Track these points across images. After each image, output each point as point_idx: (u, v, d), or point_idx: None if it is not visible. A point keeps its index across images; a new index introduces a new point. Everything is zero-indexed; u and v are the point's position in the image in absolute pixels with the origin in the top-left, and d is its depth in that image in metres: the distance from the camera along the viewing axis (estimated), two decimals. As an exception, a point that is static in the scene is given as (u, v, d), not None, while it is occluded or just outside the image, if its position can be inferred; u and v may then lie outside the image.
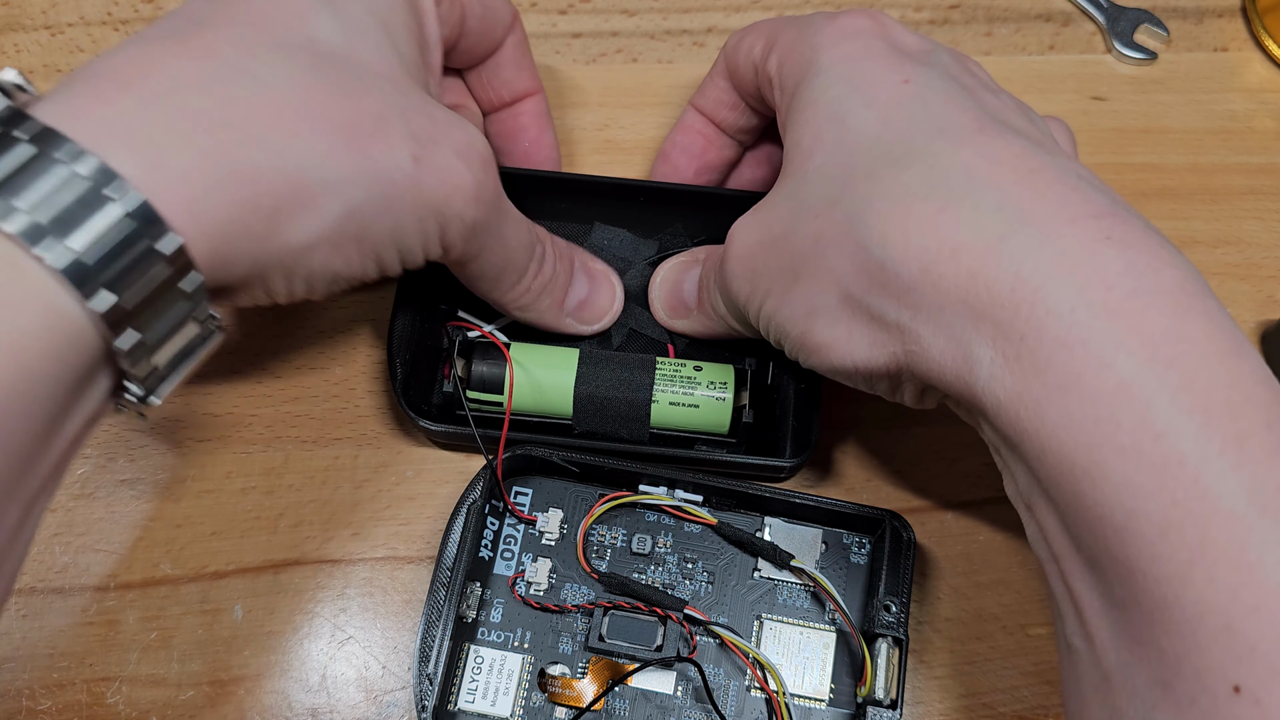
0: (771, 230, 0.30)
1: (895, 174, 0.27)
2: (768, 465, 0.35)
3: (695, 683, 0.33)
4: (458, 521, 0.33)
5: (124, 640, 0.34)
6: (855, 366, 0.28)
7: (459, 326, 0.36)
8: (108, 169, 0.22)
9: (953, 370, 0.25)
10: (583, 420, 0.35)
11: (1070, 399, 0.23)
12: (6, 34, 0.43)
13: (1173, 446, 0.22)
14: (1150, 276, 0.24)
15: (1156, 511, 0.22)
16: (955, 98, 0.28)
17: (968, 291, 0.25)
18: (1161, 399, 0.22)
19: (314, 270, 0.27)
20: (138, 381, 0.24)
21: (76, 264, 0.22)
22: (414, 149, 0.28)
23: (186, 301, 0.24)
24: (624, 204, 0.38)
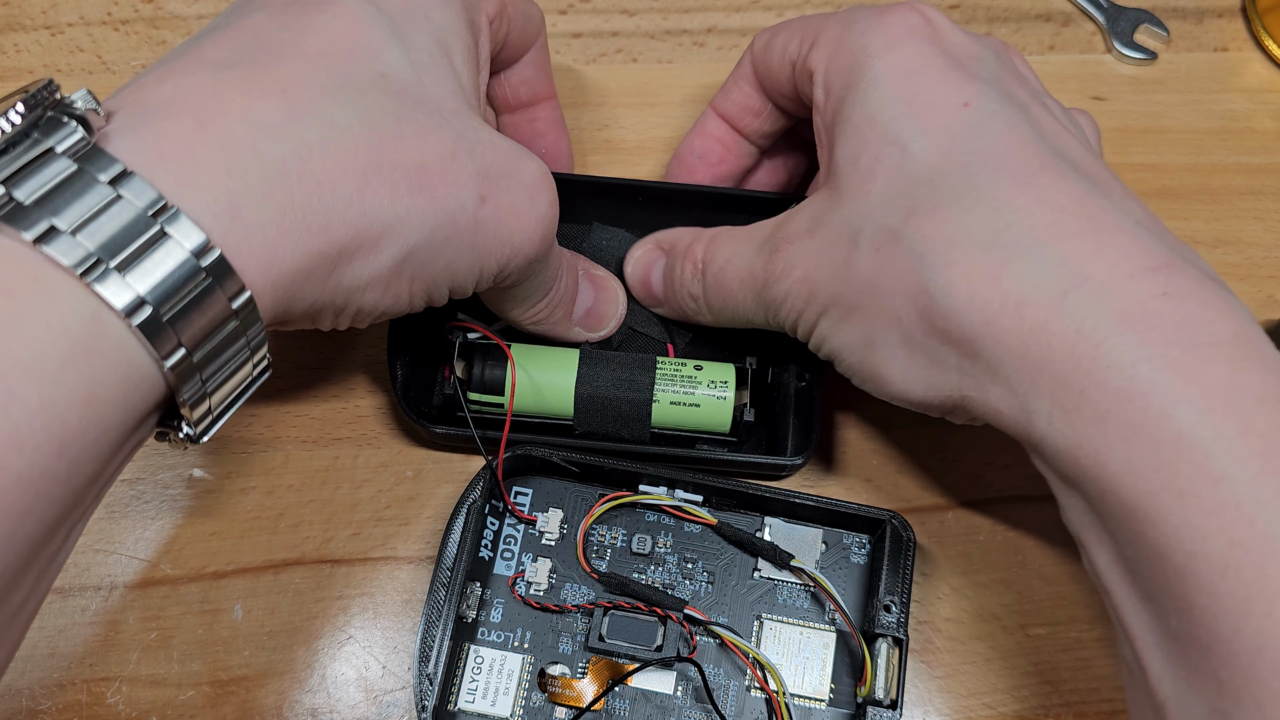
0: (831, 257, 0.30)
1: (959, 217, 0.27)
2: (769, 464, 0.35)
3: (695, 683, 0.33)
4: (458, 521, 0.33)
5: (124, 640, 0.34)
6: (911, 400, 0.29)
7: (458, 327, 0.36)
8: (189, 223, 0.22)
9: (1010, 417, 0.27)
10: (584, 421, 0.35)
11: (1131, 448, 0.24)
12: (6, 34, 0.43)
13: (1230, 491, 0.23)
14: (1206, 329, 0.25)
15: (1215, 552, 0.23)
16: (1013, 126, 0.28)
17: (1028, 346, 0.26)
18: (1219, 447, 0.23)
19: (364, 307, 0.28)
20: (192, 424, 0.24)
21: (154, 319, 0.22)
22: (482, 188, 0.28)
23: (247, 349, 0.24)
24: (623, 204, 0.38)
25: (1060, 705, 0.34)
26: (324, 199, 0.25)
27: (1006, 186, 0.27)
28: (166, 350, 0.22)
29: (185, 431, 0.25)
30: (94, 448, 0.22)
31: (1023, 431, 0.26)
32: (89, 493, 0.23)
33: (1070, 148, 0.29)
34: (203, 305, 0.23)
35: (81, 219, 0.21)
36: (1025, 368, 0.26)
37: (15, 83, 0.42)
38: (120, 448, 0.23)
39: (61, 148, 0.22)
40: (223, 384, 0.25)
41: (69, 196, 0.21)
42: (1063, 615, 0.35)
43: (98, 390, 0.21)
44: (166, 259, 0.22)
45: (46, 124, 0.22)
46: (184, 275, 0.22)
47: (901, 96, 0.29)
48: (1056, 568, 0.36)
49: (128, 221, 0.22)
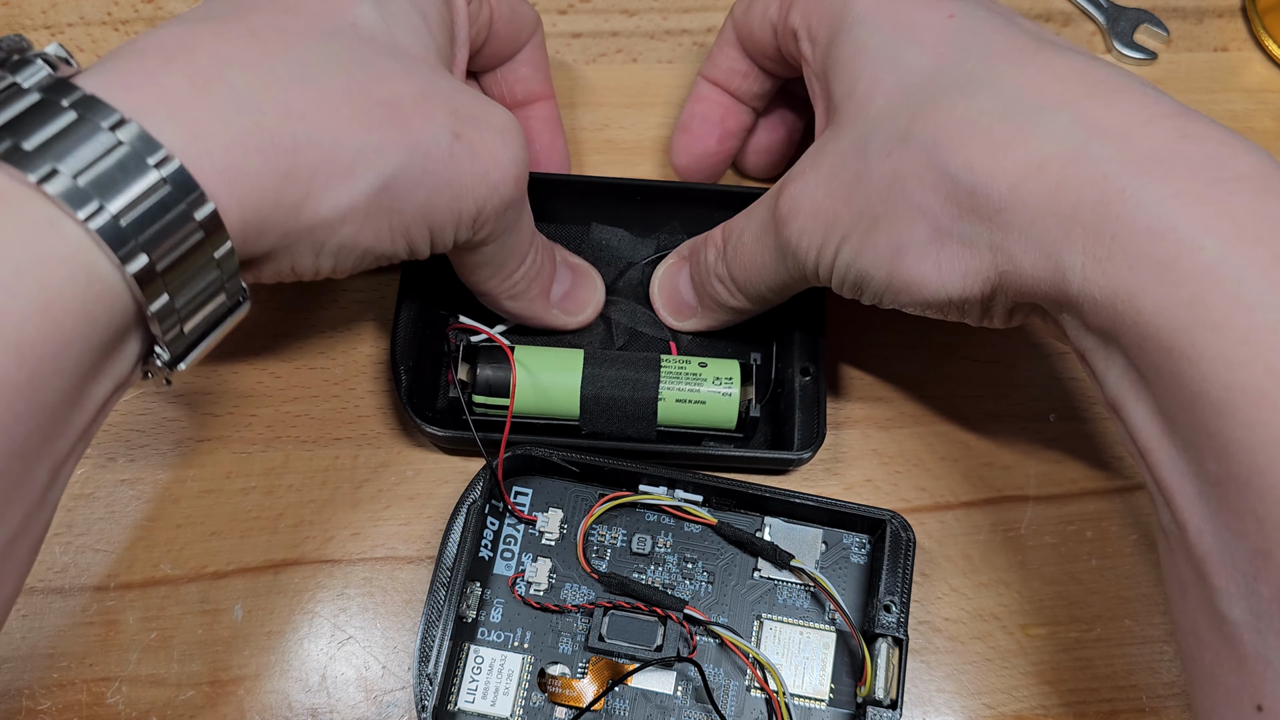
0: (840, 178, 0.30)
1: (966, 101, 0.27)
2: (777, 459, 0.35)
3: (695, 683, 0.33)
4: (458, 521, 0.33)
5: (124, 640, 0.33)
6: (949, 297, 0.29)
7: (461, 330, 0.36)
8: (147, 135, 0.23)
9: (1048, 280, 0.26)
10: (590, 421, 0.35)
11: (1164, 285, 0.24)
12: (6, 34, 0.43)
13: (1264, 318, 0.22)
14: (1230, 164, 0.24)
15: (1252, 381, 0.22)
16: (1002, 25, 0.29)
17: (1056, 202, 0.25)
18: (1251, 275, 0.23)
19: (343, 243, 0.28)
20: (166, 346, 0.24)
21: (113, 226, 0.22)
22: (455, 125, 0.28)
23: (217, 269, 0.24)
24: (621, 203, 0.38)
25: (1060, 705, 0.34)
26: (292, 123, 0.25)
27: (1007, 69, 0.28)
28: (128, 256, 0.22)
29: (160, 357, 0.25)
30: (56, 360, 0.22)
31: (1059, 292, 0.26)
32: (65, 420, 0.23)
33: (1060, 39, 0.29)
34: (163, 214, 0.23)
35: (42, 139, 0.22)
36: (1055, 224, 0.25)
37: (15, 82, 0.42)
38: (92, 373, 0.23)
39: (28, 84, 0.23)
40: (194, 306, 0.25)
41: (33, 122, 0.22)
42: (1063, 615, 0.35)
43: (54, 298, 0.21)
44: (126, 170, 0.22)
45: (14, 65, 0.23)
46: (144, 186, 0.22)
47: (887, 23, 0.30)
48: (1056, 568, 0.35)
49: (88, 137, 0.22)
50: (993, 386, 0.38)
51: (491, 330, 0.36)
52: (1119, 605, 0.35)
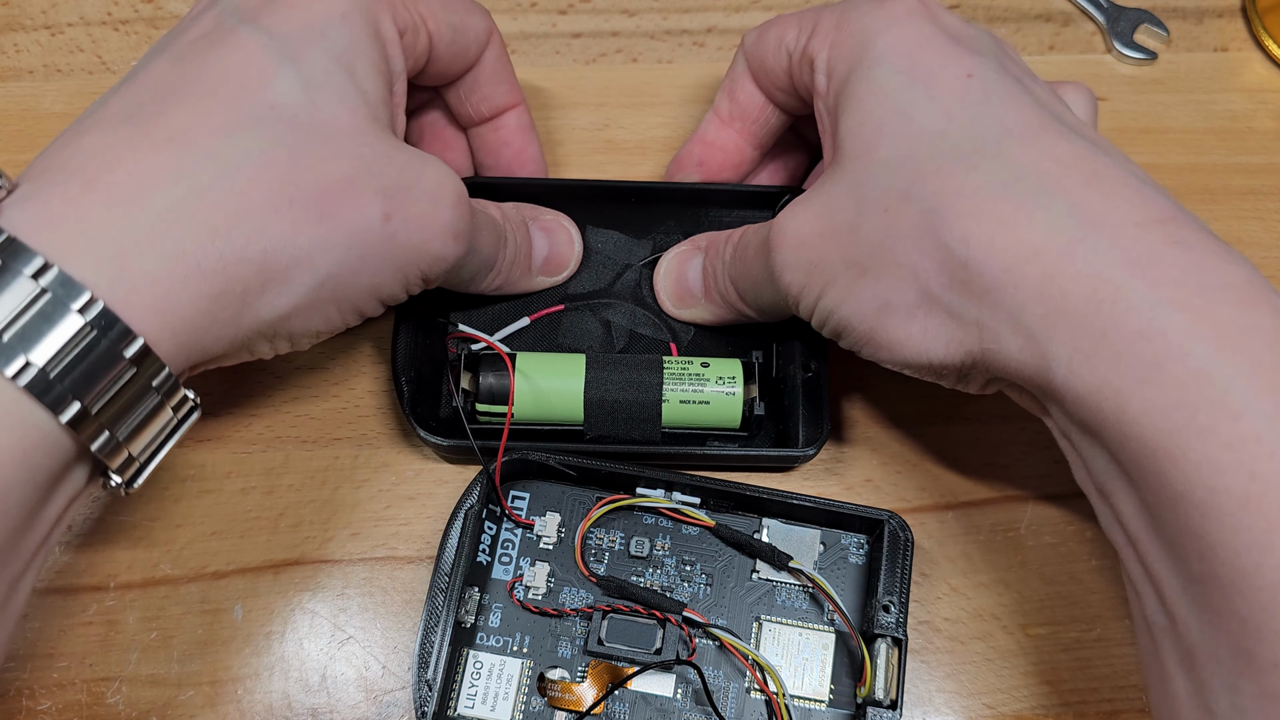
0: (832, 220, 0.29)
1: (968, 171, 0.27)
2: (783, 456, 0.35)
3: (695, 685, 0.32)
4: (455, 527, 0.32)
5: (124, 640, 0.33)
6: (929, 362, 0.29)
7: (460, 339, 0.36)
8: (70, 280, 0.23)
9: (1031, 367, 0.26)
10: (594, 425, 0.34)
11: (1150, 388, 0.24)
12: (6, 34, 0.43)
13: (1250, 425, 0.23)
14: (1215, 274, 0.25)
15: (1237, 485, 0.22)
16: (1016, 94, 0.29)
17: (1045, 293, 0.25)
18: (1237, 383, 0.23)
19: (293, 331, 0.28)
20: (115, 473, 0.25)
21: (41, 378, 0.22)
22: (385, 206, 0.28)
23: (155, 395, 0.25)
24: (616, 205, 0.37)
25: (1060, 705, 0.33)
26: (218, 242, 0.25)
27: (1012, 144, 0.27)
28: (60, 405, 0.23)
29: (115, 480, 0.25)
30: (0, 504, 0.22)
31: (1043, 380, 0.26)
32: (15, 547, 0.23)
33: (1067, 115, 0.29)
34: (94, 360, 0.23)
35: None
36: (1045, 314, 0.25)
37: (15, 83, 0.42)
38: (39, 504, 0.23)
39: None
40: (137, 431, 0.25)
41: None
42: (1063, 615, 0.34)
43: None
44: (52, 320, 0.22)
45: None
46: (67, 331, 0.23)
47: (905, 69, 0.29)
48: (1056, 568, 0.35)
49: (9, 287, 0.22)
50: (992, 386, 0.38)
51: (491, 339, 0.35)
52: (1119, 605, 0.34)
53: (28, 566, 0.24)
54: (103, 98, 0.27)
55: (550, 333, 0.37)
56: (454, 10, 0.33)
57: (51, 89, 0.42)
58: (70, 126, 0.26)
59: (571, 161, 0.41)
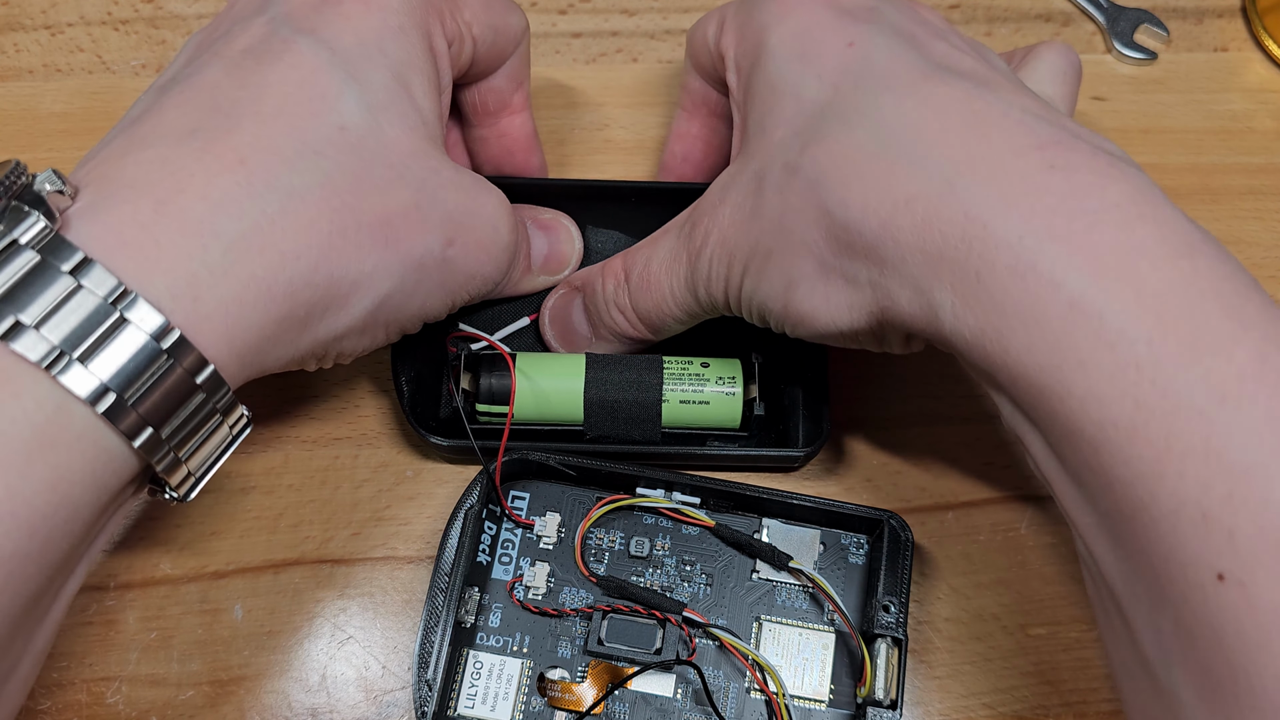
0: (741, 210, 0.29)
1: (846, 135, 0.27)
2: (783, 456, 0.34)
3: (695, 685, 0.32)
4: (455, 527, 0.32)
5: (124, 640, 0.33)
6: (839, 330, 0.28)
7: (460, 338, 0.35)
8: (148, 308, 0.23)
9: (923, 318, 0.26)
10: (594, 425, 0.34)
11: (1028, 326, 0.23)
12: (6, 34, 0.43)
13: (1128, 353, 0.22)
14: (1096, 195, 0.24)
15: (1122, 416, 0.22)
16: (899, 52, 0.28)
17: (923, 239, 0.25)
18: (1113, 310, 0.22)
19: (341, 351, 0.29)
20: (174, 488, 0.25)
21: (118, 404, 0.22)
22: (448, 232, 0.28)
23: (218, 416, 0.25)
24: (615, 205, 0.37)
25: (1060, 705, 0.33)
26: (287, 269, 0.25)
27: (889, 100, 0.27)
28: (133, 431, 0.23)
29: (170, 494, 0.25)
30: (66, 525, 0.22)
31: (934, 330, 0.25)
32: (70, 562, 0.24)
33: (963, 64, 0.28)
34: (166, 385, 0.23)
35: (44, 312, 0.22)
36: (923, 261, 0.25)
37: (15, 83, 0.42)
38: (98, 519, 0.24)
39: (25, 239, 0.22)
40: (198, 449, 0.25)
41: (32, 291, 0.22)
42: (1063, 615, 0.34)
43: (64, 474, 0.22)
44: (127, 345, 0.22)
45: (10, 214, 0.23)
46: (145, 359, 0.23)
47: (795, 54, 0.29)
48: (1056, 568, 0.35)
49: (89, 311, 0.22)
50: (993, 386, 0.38)
51: (492, 338, 0.35)
52: (1119, 605, 0.34)
53: (75, 574, 0.25)
54: (153, 93, 0.27)
55: None
56: (495, 12, 0.33)
57: (51, 89, 0.42)
58: (124, 130, 0.26)
59: (571, 161, 0.41)
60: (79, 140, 0.40)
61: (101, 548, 0.25)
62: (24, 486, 0.21)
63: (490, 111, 0.36)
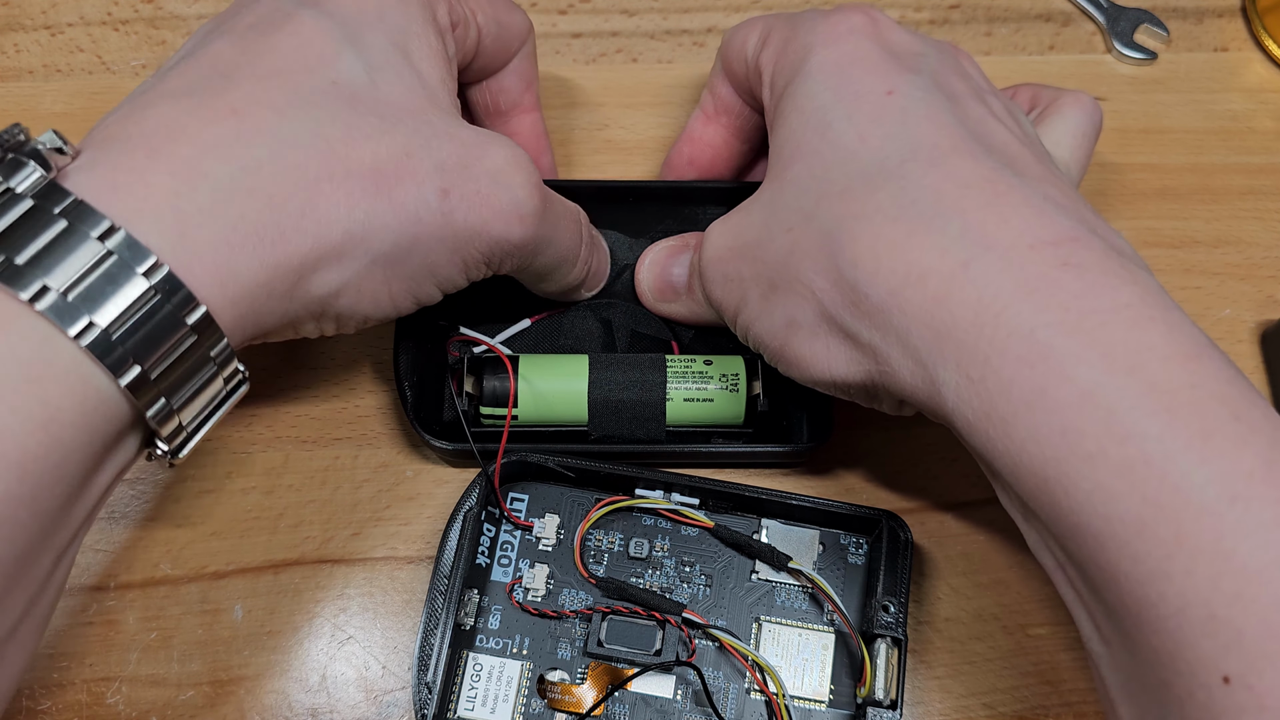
0: (744, 237, 0.29)
1: (868, 194, 0.27)
2: (787, 452, 0.34)
3: (695, 686, 0.32)
4: (454, 529, 0.32)
5: (124, 640, 0.32)
6: (833, 380, 0.28)
7: (462, 342, 0.35)
8: (136, 243, 0.23)
9: (923, 391, 0.25)
10: (599, 425, 0.34)
11: (1035, 414, 0.23)
12: (6, 34, 0.42)
13: (1139, 448, 0.22)
14: (1108, 295, 0.24)
15: (1130, 512, 0.22)
16: (936, 113, 0.28)
17: (933, 316, 0.25)
18: (1124, 404, 0.22)
19: (341, 312, 0.28)
20: (165, 440, 0.24)
21: (104, 339, 0.22)
22: (442, 182, 0.27)
23: (212, 365, 0.24)
24: (613, 206, 0.37)
25: (1060, 705, 0.33)
26: (275, 212, 0.25)
27: (916, 167, 0.27)
28: (121, 368, 0.22)
29: (161, 448, 0.25)
30: (58, 470, 0.22)
31: (934, 406, 0.25)
32: (67, 515, 0.23)
33: (996, 135, 0.28)
34: (156, 323, 0.23)
35: (33, 252, 0.22)
36: (930, 338, 0.25)
37: (15, 83, 0.41)
38: (93, 470, 0.23)
39: (21, 188, 0.23)
40: (190, 400, 0.24)
41: (23, 233, 0.22)
42: (1063, 615, 0.34)
43: (54, 413, 0.21)
44: (113, 280, 0.22)
45: (8, 165, 0.23)
46: (133, 295, 0.22)
47: (831, 86, 0.29)
48: (1056, 568, 0.35)
49: (76, 249, 0.22)
50: (992, 386, 0.37)
51: (493, 341, 0.35)
52: (1118, 606, 0.34)
53: (75, 537, 0.24)
54: (160, 74, 0.27)
55: (551, 334, 0.36)
56: (499, 7, 0.33)
57: (51, 89, 0.41)
58: (129, 99, 0.26)
59: (571, 161, 0.41)
60: (79, 140, 0.40)
61: (98, 513, 0.25)
62: (13, 422, 0.21)
63: (501, 111, 0.36)
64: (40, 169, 0.23)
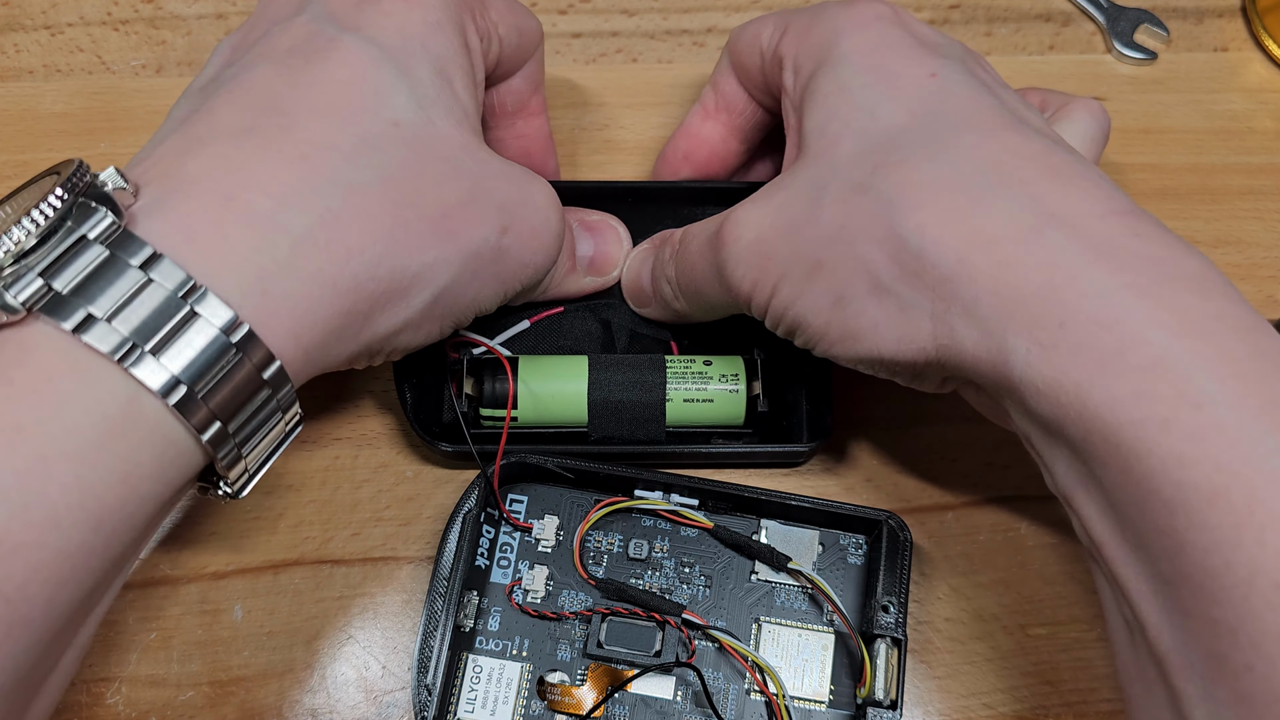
0: (788, 215, 0.28)
1: (927, 162, 0.26)
2: (787, 451, 0.34)
3: (695, 687, 0.31)
4: (453, 531, 0.31)
5: (124, 640, 0.32)
6: (881, 357, 0.27)
7: (461, 343, 0.35)
8: (218, 303, 0.23)
9: (988, 361, 0.25)
10: (599, 426, 0.33)
11: (1111, 377, 0.23)
12: (6, 34, 0.42)
13: (1213, 415, 0.21)
14: (1175, 265, 0.24)
15: (1203, 479, 0.21)
16: (978, 93, 0.28)
17: (1002, 282, 0.24)
18: (1198, 370, 0.22)
19: (399, 346, 0.28)
20: (231, 484, 0.25)
21: (189, 398, 0.22)
22: (503, 221, 0.28)
23: (279, 411, 0.25)
24: (612, 206, 0.36)
25: (1060, 705, 0.32)
26: (353, 263, 0.25)
27: (972, 138, 0.26)
28: (202, 424, 0.23)
29: (224, 490, 0.25)
30: (131, 520, 0.22)
31: (1000, 376, 0.25)
32: (128, 555, 0.24)
33: (1031, 117, 0.28)
34: (234, 379, 0.23)
35: (115, 305, 0.22)
36: (1000, 305, 0.24)
37: (15, 83, 0.41)
38: (160, 515, 0.24)
39: (94, 234, 0.22)
40: (257, 445, 0.25)
41: (103, 284, 0.22)
42: (1063, 615, 0.33)
43: (134, 468, 0.22)
44: (197, 338, 0.22)
45: (79, 211, 0.22)
46: (215, 353, 0.22)
47: (869, 68, 0.29)
48: (1056, 568, 0.34)
49: (159, 304, 0.22)
50: (992, 387, 0.37)
51: (491, 343, 0.34)
52: (1118, 605, 0.34)
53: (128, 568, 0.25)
54: (200, 95, 0.27)
55: (550, 335, 0.36)
56: (518, 15, 0.33)
57: (51, 89, 0.41)
58: (176, 130, 0.26)
59: (572, 161, 0.41)
60: (79, 140, 0.39)
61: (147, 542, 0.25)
62: (94, 478, 0.21)
63: (509, 113, 0.35)
64: (111, 214, 0.23)
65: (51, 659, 0.23)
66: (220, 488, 0.25)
